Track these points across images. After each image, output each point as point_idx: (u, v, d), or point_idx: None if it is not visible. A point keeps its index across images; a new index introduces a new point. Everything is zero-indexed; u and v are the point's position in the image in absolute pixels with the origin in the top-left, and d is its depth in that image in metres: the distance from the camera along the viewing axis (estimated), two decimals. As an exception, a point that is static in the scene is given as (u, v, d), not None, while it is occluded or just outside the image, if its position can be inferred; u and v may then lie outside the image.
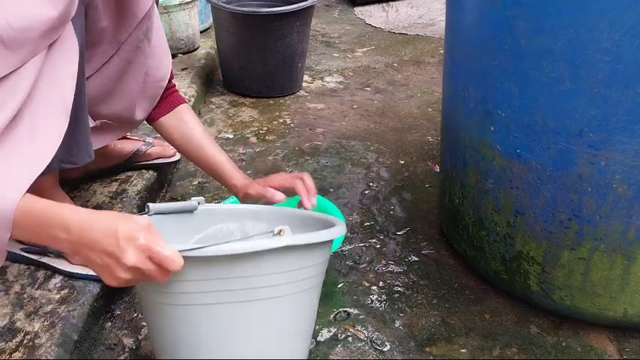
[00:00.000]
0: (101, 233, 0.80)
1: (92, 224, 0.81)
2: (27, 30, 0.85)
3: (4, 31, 0.83)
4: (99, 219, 0.82)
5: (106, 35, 1.15)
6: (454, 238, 1.37)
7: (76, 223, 0.82)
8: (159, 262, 0.79)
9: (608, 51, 0.92)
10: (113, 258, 0.79)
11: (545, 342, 1.16)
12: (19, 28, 0.84)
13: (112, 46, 1.18)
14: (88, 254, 0.82)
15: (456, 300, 1.26)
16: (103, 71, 1.19)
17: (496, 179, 1.16)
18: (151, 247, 0.79)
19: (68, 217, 0.83)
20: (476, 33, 1.12)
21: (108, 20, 1.13)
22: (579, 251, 1.10)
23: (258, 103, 2.21)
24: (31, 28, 0.85)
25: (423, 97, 2.27)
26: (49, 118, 0.91)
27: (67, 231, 0.82)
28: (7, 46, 0.84)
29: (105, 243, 0.80)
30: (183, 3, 2.27)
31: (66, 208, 0.85)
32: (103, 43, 1.16)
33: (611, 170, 1.00)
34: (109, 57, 1.19)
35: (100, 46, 1.16)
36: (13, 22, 0.84)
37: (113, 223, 0.81)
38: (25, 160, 0.87)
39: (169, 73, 1.31)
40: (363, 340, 1.15)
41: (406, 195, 1.63)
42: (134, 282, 0.83)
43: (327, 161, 1.80)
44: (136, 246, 0.79)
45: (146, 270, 0.80)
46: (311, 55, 2.62)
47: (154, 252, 0.79)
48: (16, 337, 1.01)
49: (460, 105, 1.21)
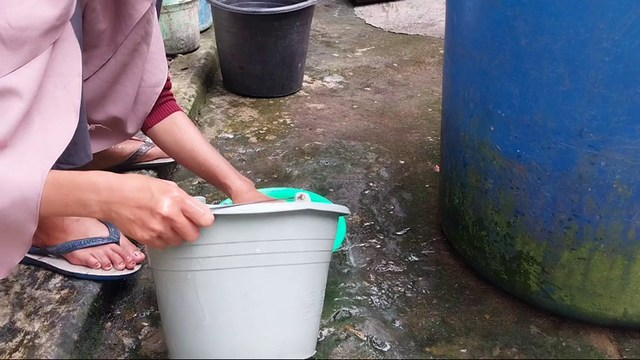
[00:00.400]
0: (134, 189, 0.83)
1: (122, 183, 0.84)
2: (27, 29, 0.85)
3: (4, 30, 0.83)
4: (128, 179, 0.86)
5: (104, 38, 1.15)
6: (454, 238, 1.37)
7: (104, 183, 0.85)
8: (191, 216, 0.82)
9: (608, 51, 0.92)
10: (147, 210, 0.82)
11: (545, 342, 1.16)
12: (19, 27, 0.84)
13: (110, 49, 1.18)
14: (119, 211, 0.84)
15: (456, 300, 1.26)
16: (100, 74, 1.19)
17: (496, 179, 1.16)
18: (184, 199, 0.82)
19: (95, 179, 0.85)
20: (476, 33, 1.12)
21: (106, 22, 1.13)
22: (579, 251, 1.10)
23: (258, 103, 2.21)
24: (32, 27, 0.85)
25: (423, 97, 2.27)
26: (59, 117, 0.92)
27: (97, 192, 0.84)
28: (8, 45, 0.84)
29: (138, 197, 0.83)
30: (183, 3, 2.27)
31: (91, 172, 0.87)
32: (101, 45, 1.16)
33: (611, 170, 1.00)
34: (106, 60, 1.18)
35: (97, 49, 1.16)
36: (13, 22, 0.84)
37: (145, 181, 0.84)
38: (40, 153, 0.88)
39: (165, 80, 1.29)
40: (363, 340, 1.15)
41: (406, 195, 1.63)
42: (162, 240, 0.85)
43: (327, 161, 1.80)
44: (171, 197, 0.82)
45: (178, 223, 0.82)
46: (311, 55, 2.62)
47: (187, 204, 0.82)
48: (16, 337, 1.01)
49: (460, 105, 1.21)
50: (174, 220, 0.82)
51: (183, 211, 0.82)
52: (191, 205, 0.82)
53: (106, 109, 1.24)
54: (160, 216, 0.82)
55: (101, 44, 1.16)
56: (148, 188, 0.83)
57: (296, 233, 0.90)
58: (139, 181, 0.85)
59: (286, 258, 0.90)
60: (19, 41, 0.85)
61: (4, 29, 0.83)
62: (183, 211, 0.82)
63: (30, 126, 0.88)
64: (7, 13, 0.83)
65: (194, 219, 0.83)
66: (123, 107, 1.25)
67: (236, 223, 0.86)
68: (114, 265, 1.17)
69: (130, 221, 0.84)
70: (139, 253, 1.20)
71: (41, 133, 0.89)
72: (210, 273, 0.88)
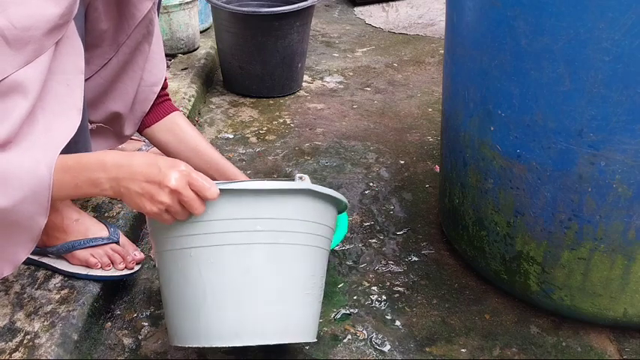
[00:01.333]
0: (142, 164, 0.87)
1: (130, 159, 0.88)
2: (30, 29, 0.85)
3: (8, 31, 0.83)
4: (136, 155, 0.89)
5: (106, 37, 1.15)
6: (454, 238, 1.37)
7: (112, 160, 0.88)
8: (197, 189, 0.85)
9: (608, 51, 0.92)
10: (155, 183, 0.85)
11: (545, 342, 1.16)
12: (23, 26, 0.84)
13: (112, 48, 1.18)
14: (128, 186, 0.87)
15: (456, 300, 1.26)
16: (101, 73, 1.19)
17: (496, 179, 1.16)
18: (191, 173, 0.86)
19: (103, 157, 0.89)
20: (476, 33, 1.12)
21: (108, 22, 1.13)
22: (579, 251, 1.10)
23: (258, 103, 2.21)
24: (35, 27, 0.86)
25: (423, 97, 2.27)
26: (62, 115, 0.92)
27: (105, 170, 0.88)
28: (12, 45, 0.84)
29: (147, 172, 0.86)
30: (183, 3, 2.27)
31: (98, 152, 0.91)
32: (103, 45, 1.16)
33: (611, 170, 1.00)
34: (108, 59, 1.19)
35: (99, 48, 1.16)
36: (16, 21, 0.84)
37: (153, 157, 0.88)
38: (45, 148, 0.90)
39: (163, 80, 1.30)
40: (363, 340, 1.15)
41: (406, 195, 1.63)
42: (170, 214, 0.87)
43: (327, 161, 1.80)
44: (179, 171, 0.85)
45: (185, 196, 0.85)
46: (311, 55, 2.62)
47: (194, 178, 0.85)
48: (16, 337, 1.01)
49: (460, 105, 1.21)
50: (182, 194, 0.85)
51: (190, 185, 0.85)
52: (197, 179, 0.85)
53: (106, 106, 1.24)
54: (168, 189, 0.85)
55: (103, 44, 1.16)
56: (155, 163, 0.86)
57: (296, 213, 0.92)
58: (146, 157, 0.88)
59: (287, 237, 0.92)
60: (23, 41, 0.85)
61: (7, 29, 0.83)
62: (190, 184, 0.85)
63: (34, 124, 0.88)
64: (10, 13, 0.83)
65: (200, 192, 0.85)
66: (123, 105, 1.25)
67: (239, 199, 0.88)
68: (114, 265, 1.17)
69: (139, 195, 0.87)
70: (138, 253, 1.20)
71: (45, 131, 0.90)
72: (213, 249, 0.90)
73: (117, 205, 1.37)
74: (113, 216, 1.34)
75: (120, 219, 1.33)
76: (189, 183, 0.86)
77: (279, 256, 0.92)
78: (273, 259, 0.91)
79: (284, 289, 0.93)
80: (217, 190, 0.86)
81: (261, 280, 0.91)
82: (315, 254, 0.97)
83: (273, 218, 0.90)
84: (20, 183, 0.85)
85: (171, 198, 0.86)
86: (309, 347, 1.13)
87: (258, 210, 0.89)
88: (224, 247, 0.89)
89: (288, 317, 0.94)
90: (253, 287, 0.91)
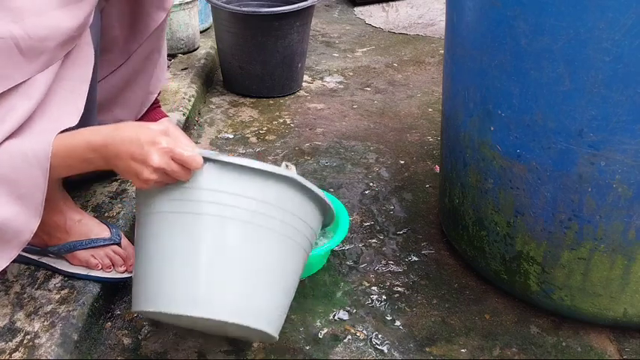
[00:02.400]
0: (125, 141, 0.89)
1: (114, 137, 0.90)
2: (45, 39, 0.86)
3: (22, 40, 0.84)
4: (120, 130, 0.91)
5: (117, 44, 1.16)
6: (454, 238, 1.37)
7: (99, 141, 0.91)
8: (180, 162, 0.88)
9: (608, 51, 0.92)
10: (140, 162, 0.88)
11: (545, 342, 1.16)
12: (38, 37, 0.85)
13: (122, 56, 1.18)
14: (116, 163, 0.91)
15: (456, 300, 1.26)
16: (110, 79, 1.20)
17: (496, 179, 1.16)
18: (173, 149, 0.88)
19: (90, 138, 0.91)
20: (476, 33, 1.12)
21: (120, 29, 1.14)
22: (579, 251, 1.10)
23: (258, 103, 2.21)
24: (50, 38, 0.87)
25: (423, 97, 2.27)
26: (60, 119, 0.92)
27: (94, 150, 0.91)
28: (25, 54, 0.85)
29: (132, 150, 0.88)
30: (183, 3, 2.27)
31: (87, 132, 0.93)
32: (113, 51, 1.17)
33: (611, 170, 1.00)
34: (117, 66, 1.19)
35: (109, 54, 1.17)
36: (32, 32, 0.85)
37: (134, 133, 0.89)
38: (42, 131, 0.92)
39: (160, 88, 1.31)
40: (363, 340, 1.15)
41: (406, 195, 1.63)
42: (161, 182, 0.90)
43: (327, 161, 1.80)
44: (159, 149, 0.87)
45: (170, 170, 0.88)
46: (311, 55, 2.62)
47: (177, 153, 0.87)
48: (16, 337, 1.01)
49: (460, 105, 1.21)
50: (166, 169, 0.88)
51: (173, 159, 0.88)
52: (181, 153, 0.87)
53: (114, 114, 1.24)
54: (152, 167, 0.87)
55: (114, 50, 1.17)
56: (137, 140, 0.88)
57: (276, 199, 0.93)
58: (129, 131, 0.90)
59: (263, 220, 0.92)
60: (37, 51, 0.86)
61: (22, 39, 0.84)
62: (173, 158, 0.88)
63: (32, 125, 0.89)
64: (26, 23, 0.84)
65: (184, 164, 0.88)
66: (130, 112, 1.25)
67: (222, 171, 0.91)
68: (114, 267, 1.17)
69: (127, 173, 0.90)
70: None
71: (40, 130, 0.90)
72: (189, 217, 0.91)
73: (117, 205, 1.37)
74: (113, 216, 1.34)
75: (120, 219, 1.33)
76: (172, 157, 0.88)
77: (252, 237, 0.93)
78: (246, 238, 0.92)
79: (253, 271, 0.93)
80: (201, 160, 0.89)
81: (231, 256, 0.92)
82: (289, 246, 0.97)
83: (253, 198, 0.91)
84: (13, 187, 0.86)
85: (157, 174, 0.88)
86: (310, 347, 1.13)
87: (239, 186, 0.91)
88: (201, 215, 0.91)
89: (253, 300, 0.93)
90: (223, 261, 0.91)
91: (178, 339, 1.14)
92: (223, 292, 0.91)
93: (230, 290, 0.91)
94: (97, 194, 1.41)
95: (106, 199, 1.39)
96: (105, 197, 1.40)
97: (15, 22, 0.84)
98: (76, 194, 1.39)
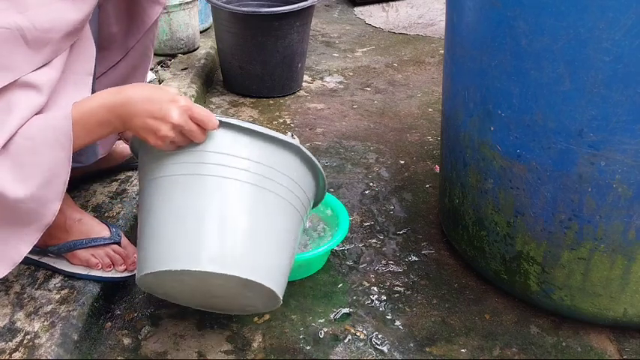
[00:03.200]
0: (143, 100, 0.91)
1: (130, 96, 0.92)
2: (50, 31, 0.87)
3: (28, 31, 0.85)
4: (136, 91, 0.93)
5: (116, 40, 1.16)
6: (454, 238, 1.37)
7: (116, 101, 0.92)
8: (198, 121, 0.91)
9: (608, 51, 0.92)
10: (159, 119, 0.90)
11: (545, 342, 1.16)
12: (43, 28, 0.86)
13: (121, 52, 1.19)
14: (134, 122, 0.92)
15: (456, 300, 1.26)
16: (110, 75, 1.20)
17: (496, 179, 1.16)
18: (191, 107, 0.91)
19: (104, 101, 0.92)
20: (476, 33, 1.12)
21: (118, 26, 1.14)
22: (579, 251, 1.10)
23: (258, 103, 2.21)
24: (55, 29, 0.88)
25: (423, 97, 2.27)
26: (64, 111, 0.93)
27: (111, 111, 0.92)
28: (31, 45, 0.86)
29: (150, 109, 0.90)
30: (183, 3, 2.27)
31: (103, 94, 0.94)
32: (112, 47, 1.17)
33: (611, 170, 1.00)
34: (116, 62, 1.19)
35: (107, 51, 1.17)
36: (38, 23, 0.86)
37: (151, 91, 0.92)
38: None
39: None
40: (363, 340, 1.15)
41: (406, 195, 1.63)
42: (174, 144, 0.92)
43: (327, 161, 1.80)
44: (179, 107, 0.90)
45: (187, 129, 0.90)
46: (311, 55, 2.62)
47: (195, 111, 0.90)
48: (16, 337, 1.01)
49: (460, 105, 1.21)
50: (184, 127, 0.90)
51: (191, 117, 0.90)
52: (198, 112, 0.91)
53: None
54: (171, 124, 0.90)
55: (112, 46, 1.17)
56: (156, 98, 0.91)
57: (282, 166, 0.98)
58: (147, 90, 0.92)
59: (270, 185, 0.96)
60: (42, 42, 0.87)
61: (28, 30, 0.85)
62: (190, 117, 0.90)
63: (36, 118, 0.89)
64: (31, 14, 0.85)
65: (201, 123, 0.91)
66: None
67: (235, 135, 0.94)
68: (114, 266, 1.17)
69: (144, 130, 0.91)
70: (139, 253, 1.21)
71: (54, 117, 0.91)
72: (202, 178, 0.94)
73: (117, 205, 1.37)
74: (113, 216, 1.34)
75: (120, 219, 1.33)
76: (190, 117, 0.90)
77: (260, 199, 0.96)
78: (255, 199, 0.96)
79: (260, 231, 0.96)
80: (217, 122, 0.92)
81: (240, 215, 0.95)
82: (292, 212, 1.01)
83: (261, 163, 0.95)
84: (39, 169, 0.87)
85: (174, 132, 0.90)
86: (310, 347, 1.13)
87: (250, 150, 0.94)
88: (213, 177, 0.94)
89: (260, 258, 0.96)
90: (232, 220, 0.94)
91: (178, 339, 1.14)
92: (240, 253, 0.94)
93: (241, 249, 0.94)
94: (97, 194, 1.41)
95: (106, 199, 1.39)
96: (105, 197, 1.40)
97: (20, 13, 0.85)
98: (76, 194, 1.39)
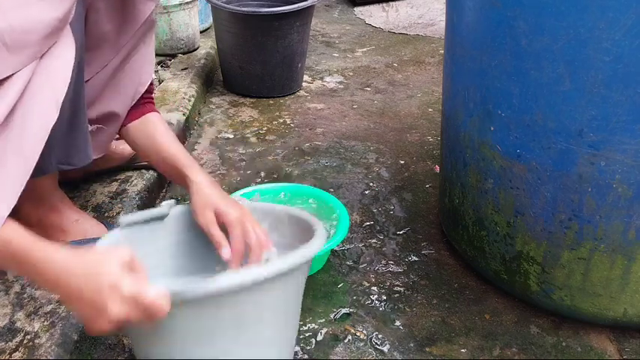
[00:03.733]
0: (81, 282, 0.76)
1: (69, 271, 0.78)
2: (29, 32, 0.85)
3: (7, 34, 0.83)
4: (76, 265, 0.78)
5: (109, 39, 1.15)
6: (454, 238, 1.37)
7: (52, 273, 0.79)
8: (144, 309, 0.75)
9: (608, 51, 0.92)
10: (96, 310, 0.75)
11: (545, 342, 1.16)
12: (22, 30, 0.84)
13: (114, 51, 1.17)
14: (70, 305, 0.80)
15: (456, 300, 1.26)
16: (101, 74, 1.19)
17: (496, 179, 1.16)
18: (136, 296, 0.74)
19: (43, 267, 0.79)
20: (476, 33, 1.12)
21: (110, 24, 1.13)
22: (579, 251, 1.10)
23: (258, 103, 2.21)
24: (33, 31, 0.85)
25: (423, 97, 2.27)
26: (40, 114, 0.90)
27: (46, 282, 0.80)
28: (9, 48, 0.84)
29: (86, 292, 0.75)
30: (183, 3, 2.27)
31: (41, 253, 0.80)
32: (105, 47, 1.16)
33: (611, 170, 1.00)
34: (109, 61, 1.18)
35: (100, 50, 1.16)
36: (16, 25, 0.84)
37: (94, 270, 0.76)
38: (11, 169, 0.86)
39: (149, 81, 1.27)
40: (363, 340, 1.15)
41: (406, 195, 1.63)
42: (118, 330, 0.80)
43: (327, 161, 1.80)
44: (121, 297, 0.74)
45: (132, 318, 0.76)
46: (311, 55, 2.62)
47: (139, 301, 0.75)
48: (16, 337, 1.01)
49: (460, 105, 1.21)
50: (129, 320, 0.76)
51: (136, 306, 0.75)
52: (143, 300, 0.75)
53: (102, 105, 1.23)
54: (109, 319, 0.75)
55: (105, 45, 1.15)
56: (97, 282, 0.75)
57: (262, 298, 0.85)
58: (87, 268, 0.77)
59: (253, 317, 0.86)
60: (22, 44, 0.85)
61: (6, 32, 0.83)
62: (136, 306, 0.75)
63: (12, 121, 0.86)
64: (9, 16, 0.83)
65: (148, 312, 0.76)
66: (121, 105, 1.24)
67: (198, 306, 0.81)
68: (114, 267, 1.16)
69: (81, 315, 0.78)
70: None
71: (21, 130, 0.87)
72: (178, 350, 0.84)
73: (117, 205, 1.37)
74: (113, 216, 1.34)
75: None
76: (135, 305, 0.75)
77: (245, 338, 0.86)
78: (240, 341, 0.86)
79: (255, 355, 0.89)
80: (167, 308, 0.75)
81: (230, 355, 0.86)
82: (285, 317, 0.92)
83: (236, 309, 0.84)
84: None
85: (115, 324, 0.76)
86: (310, 347, 1.13)
87: (219, 310, 0.82)
88: (188, 349, 0.84)
89: None
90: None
91: (178, 339, 1.14)
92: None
93: None
94: (97, 194, 1.41)
95: (106, 199, 1.39)
96: (105, 197, 1.40)
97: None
98: (76, 194, 1.39)
